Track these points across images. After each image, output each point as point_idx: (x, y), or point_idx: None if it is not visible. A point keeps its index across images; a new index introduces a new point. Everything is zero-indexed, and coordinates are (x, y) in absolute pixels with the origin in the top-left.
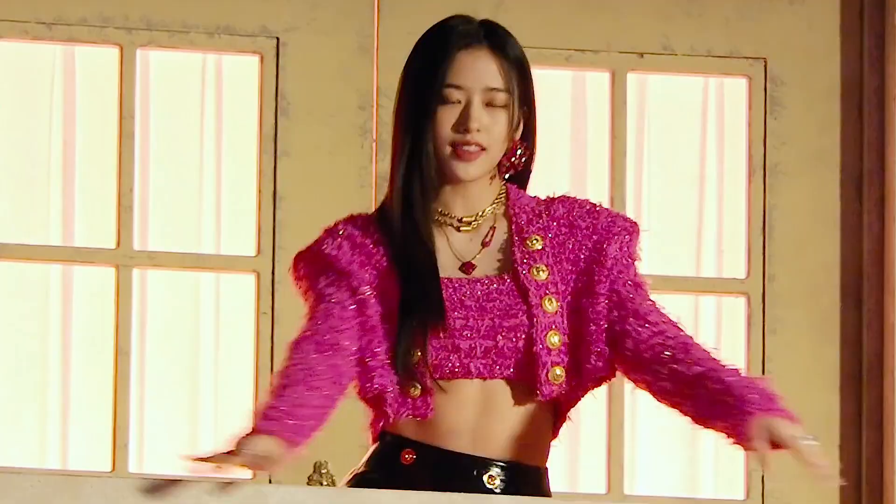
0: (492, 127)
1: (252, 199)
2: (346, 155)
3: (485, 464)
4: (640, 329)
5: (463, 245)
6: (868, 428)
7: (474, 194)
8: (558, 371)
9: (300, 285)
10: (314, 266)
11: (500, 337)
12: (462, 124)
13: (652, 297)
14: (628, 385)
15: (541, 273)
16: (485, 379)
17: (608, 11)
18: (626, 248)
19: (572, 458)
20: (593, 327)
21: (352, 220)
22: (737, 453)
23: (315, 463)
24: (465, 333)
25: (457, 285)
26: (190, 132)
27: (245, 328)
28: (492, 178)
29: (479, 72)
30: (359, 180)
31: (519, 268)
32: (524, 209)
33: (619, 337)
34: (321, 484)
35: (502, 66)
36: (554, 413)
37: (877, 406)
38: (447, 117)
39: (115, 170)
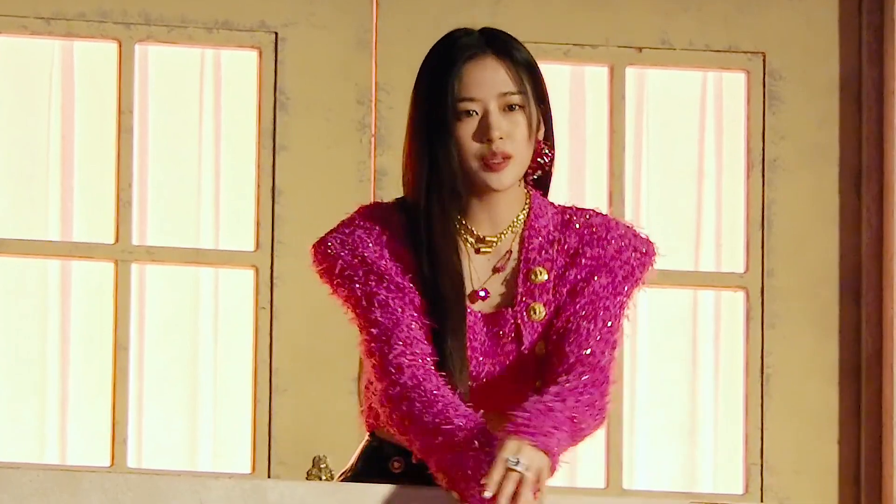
0: (514, 131)
1: (251, 193)
2: (345, 149)
3: None
4: (555, 366)
5: (478, 268)
6: (867, 422)
7: (502, 206)
8: None
9: (336, 282)
10: (357, 269)
11: (494, 381)
12: (484, 134)
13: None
14: (627, 380)
15: (538, 312)
16: (476, 410)
17: (607, 6)
18: (615, 285)
19: (571, 453)
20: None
21: (379, 216)
22: (736, 448)
23: (314, 457)
24: None
25: (469, 323)
26: (188, 127)
27: (244, 323)
28: (518, 183)
29: (488, 80)
30: (357, 175)
31: (517, 306)
32: (540, 232)
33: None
34: (320, 478)
35: (510, 70)
36: None
37: (876, 400)
38: (467, 130)
39: (114, 165)
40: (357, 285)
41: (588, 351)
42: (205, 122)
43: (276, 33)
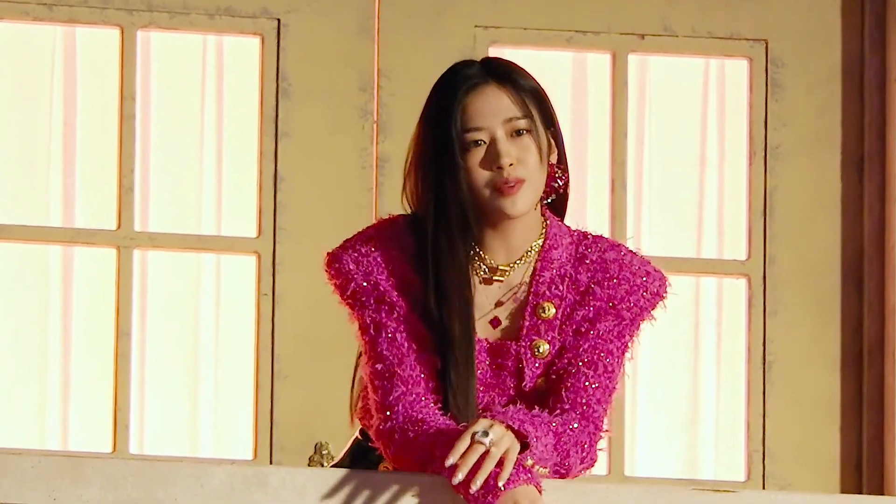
0: (524, 156)
1: (253, 180)
2: (347, 136)
3: None
4: (552, 408)
5: (488, 296)
6: (869, 409)
7: (517, 233)
8: None
9: (348, 301)
10: (370, 296)
11: (491, 411)
12: (494, 162)
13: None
14: (628, 368)
15: (542, 347)
16: None
17: None
18: (621, 329)
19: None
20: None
21: (396, 239)
22: (737, 435)
23: (316, 444)
24: None
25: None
26: (191, 113)
27: (246, 309)
28: (534, 208)
29: (492, 108)
30: (359, 161)
31: (522, 341)
32: (552, 264)
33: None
34: (322, 465)
35: (512, 95)
36: None
37: (877, 387)
38: (476, 160)
39: (116, 151)
40: (367, 311)
41: (584, 400)
42: (207, 109)
43: (279, 20)
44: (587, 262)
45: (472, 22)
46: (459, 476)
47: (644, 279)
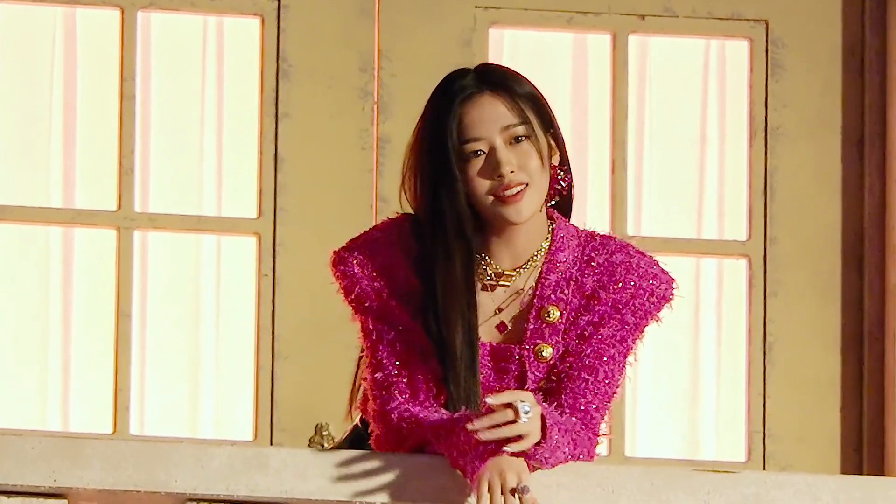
0: (525, 162)
1: (253, 161)
2: (347, 117)
3: None
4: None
5: (490, 302)
6: (869, 389)
7: (521, 239)
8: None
9: (353, 305)
10: (374, 301)
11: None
12: (495, 171)
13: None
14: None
15: (545, 351)
16: None
17: None
18: (624, 334)
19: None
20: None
21: (401, 242)
22: (738, 416)
23: (316, 425)
24: None
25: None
26: (191, 94)
27: (246, 290)
28: (539, 210)
29: (488, 116)
30: (359, 142)
31: (526, 344)
32: (558, 267)
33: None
34: (322, 446)
35: (508, 102)
36: None
37: (878, 367)
38: (476, 169)
39: (117, 132)
40: (370, 317)
41: (583, 406)
42: (207, 90)
43: (279, 1)
44: (593, 265)
45: (472, 3)
46: (478, 424)
47: (651, 282)
